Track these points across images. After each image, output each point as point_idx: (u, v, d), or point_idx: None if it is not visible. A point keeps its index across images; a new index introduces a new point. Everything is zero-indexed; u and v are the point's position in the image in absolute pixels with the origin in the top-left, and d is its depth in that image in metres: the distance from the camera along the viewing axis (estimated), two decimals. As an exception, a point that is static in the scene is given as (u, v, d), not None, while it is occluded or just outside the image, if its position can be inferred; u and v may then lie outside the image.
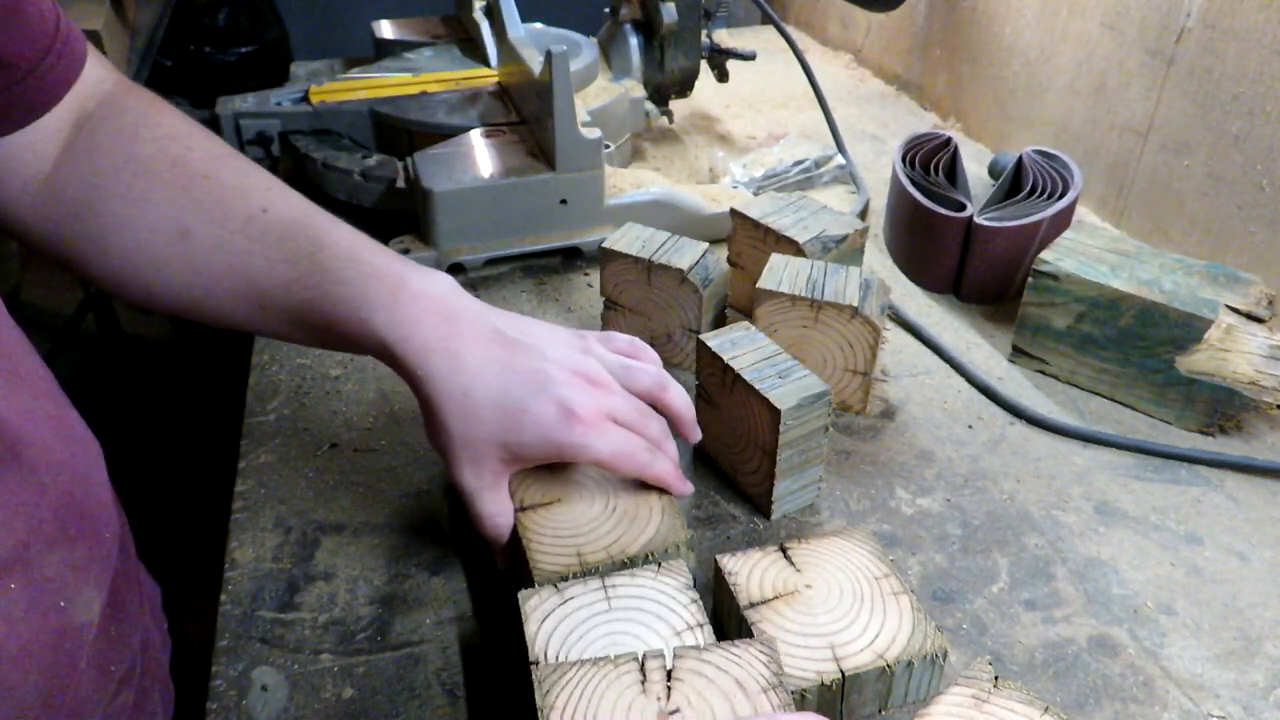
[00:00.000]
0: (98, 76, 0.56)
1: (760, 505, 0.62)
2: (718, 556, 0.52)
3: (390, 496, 0.64)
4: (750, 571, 0.51)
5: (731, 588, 0.50)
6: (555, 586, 0.49)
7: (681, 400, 0.58)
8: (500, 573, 0.57)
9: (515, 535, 0.54)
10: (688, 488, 0.56)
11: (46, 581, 0.42)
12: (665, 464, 0.55)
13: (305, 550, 0.60)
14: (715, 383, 0.62)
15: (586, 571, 0.50)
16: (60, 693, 0.43)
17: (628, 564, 0.51)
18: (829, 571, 0.51)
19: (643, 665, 0.42)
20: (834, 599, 0.49)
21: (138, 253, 0.53)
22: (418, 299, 0.52)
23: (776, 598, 0.49)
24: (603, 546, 0.52)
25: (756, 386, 0.58)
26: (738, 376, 0.59)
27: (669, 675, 0.42)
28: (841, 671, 0.46)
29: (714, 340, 0.62)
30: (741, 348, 0.62)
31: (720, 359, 0.61)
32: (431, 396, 0.51)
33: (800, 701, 0.45)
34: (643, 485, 0.55)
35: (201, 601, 0.64)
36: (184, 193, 0.53)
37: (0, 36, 0.48)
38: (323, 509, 0.63)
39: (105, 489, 0.48)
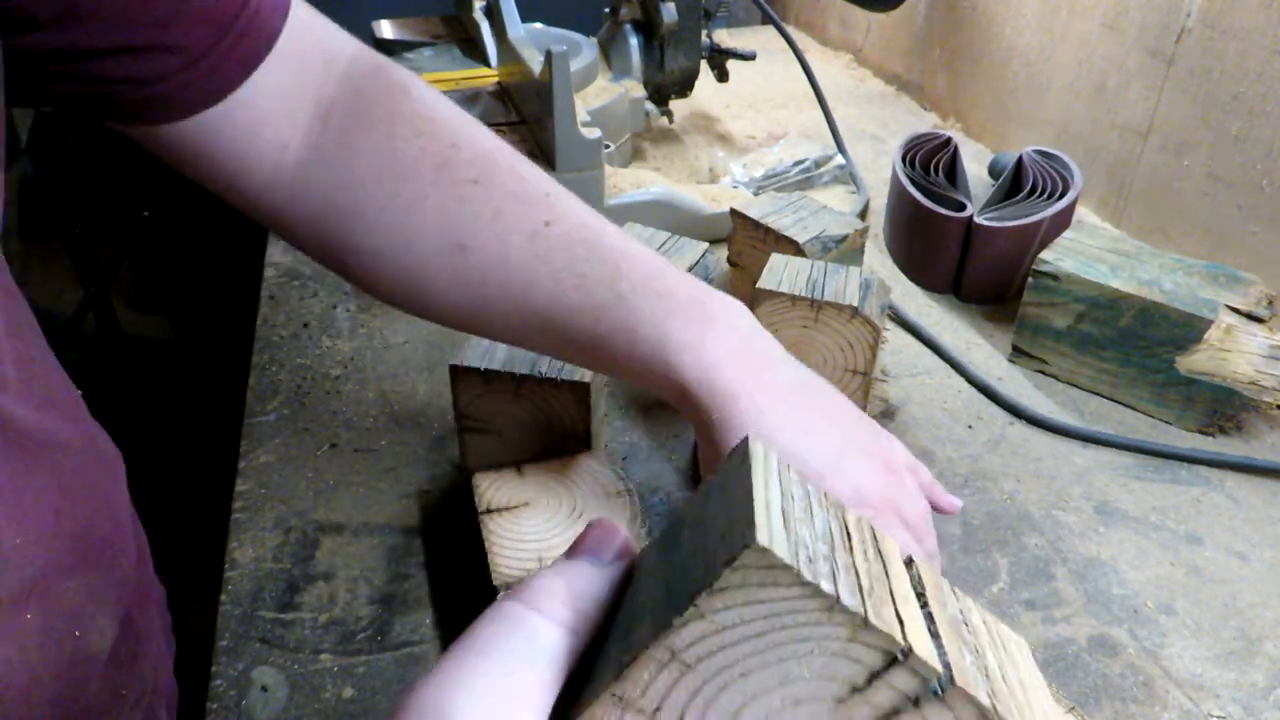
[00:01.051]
0: (327, 51, 0.50)
1: None
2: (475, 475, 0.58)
3: (390, 496, 0.64)
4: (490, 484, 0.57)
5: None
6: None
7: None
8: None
9: None
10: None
11: (63, 611, 0.41)
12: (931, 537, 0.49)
13: (305, 550, 0.60)
14: None
15: None
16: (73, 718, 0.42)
17: None
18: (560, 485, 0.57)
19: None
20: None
21: (409, 265, 0.49)
22: (723, 339, 0.47)
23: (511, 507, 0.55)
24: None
25: None
26: None
27: None
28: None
29: None
30: None
31: None
32: (721, 441, 0.46)
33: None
34: (608, 489, 0.54)
35: (202, 602, 0.64)
36: (456, 202, 0.48)
37: (170, 28, 0.43)
38: (323, 509, 0.63)
39: (126, 509, 0.47)
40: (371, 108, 0.49)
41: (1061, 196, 0.81)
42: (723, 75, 1.09)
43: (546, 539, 0.52)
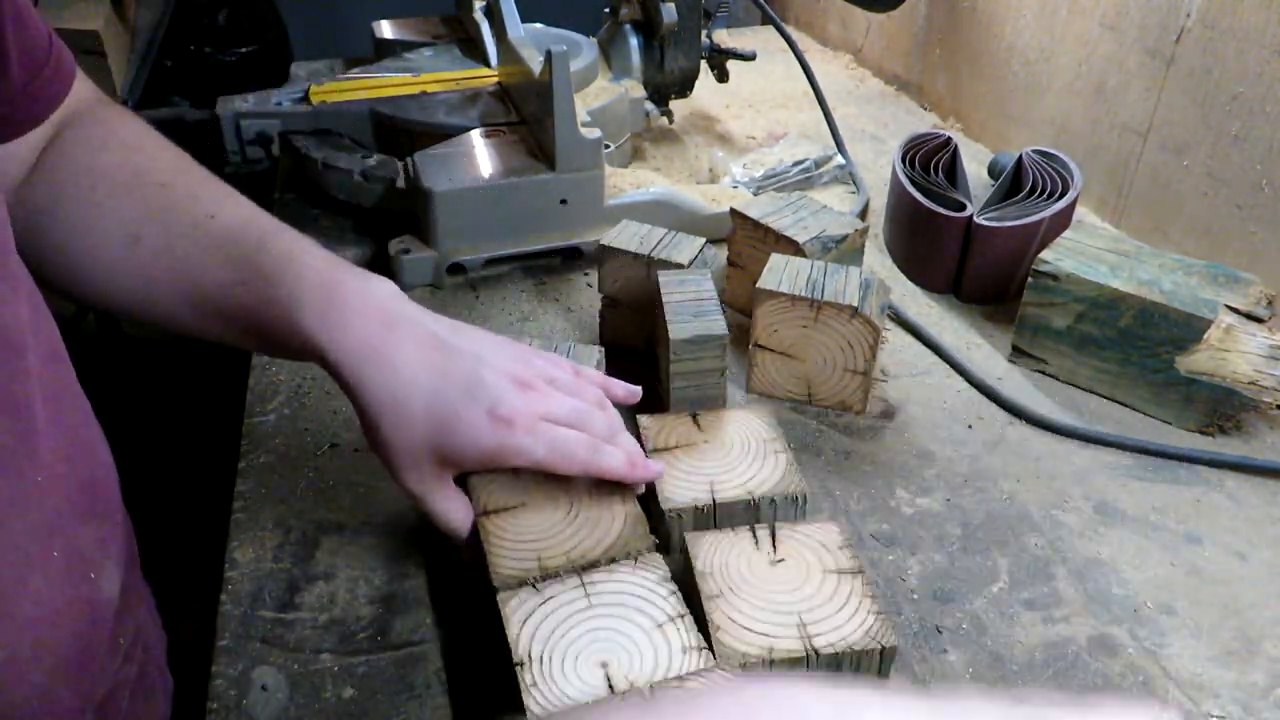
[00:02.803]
0: (78, 93, 0.57)
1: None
2: (639, 416, 0.63)
3: (390, 496, 0.64)
4: (661, 428, 0.62)
5: (642, 436, 0.61)
6: (534, 586, 0.49)
7: (617, 465, 0.55)
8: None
9: (477, 532, 0.54)
10: (649, 472, 0.55)
11: (80, 553, 0.44)
12: (612, 458, 0.54)
13: (305, 550, 0.60)
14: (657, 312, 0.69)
15: (547, 576, 0.50)
16: (87, 659, 0.45)
17: (588, 570, 0.51)
18: (725, 432, 0.62)
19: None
20: (722, 451, 0.60)
21: (91, 257, 0.54)
22: (351, 302, 0.51)
23: (677, 447, 0.61)
24: (563, 552, 0.51)
25: (668, 319, 0.65)
26: (662, 306, 0.67)
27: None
28: (713, 499, 0.56)
29: (665, 276, 0.69)
30: (687, 287, 0.68)
31: (659, 291, 0.68)
32: (364, 403, 0.51)
33: (677, 520, 0.56)
34: (606, 488, 0.55)
35: (200, 603, 0.64)
36: (140, 201, 0.54)
37: (13, 47, 0.49)
38: (323, 509, 0.63)
39: (114, 474, 0.50)
40: (91, 128, 0.56)
41: (1061, 196, 0.81)
42: (723, 75, 1.09)
43: (545, 539, 0.52)
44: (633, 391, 0.60)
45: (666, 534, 0.57)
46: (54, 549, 0.42)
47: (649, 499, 0.57)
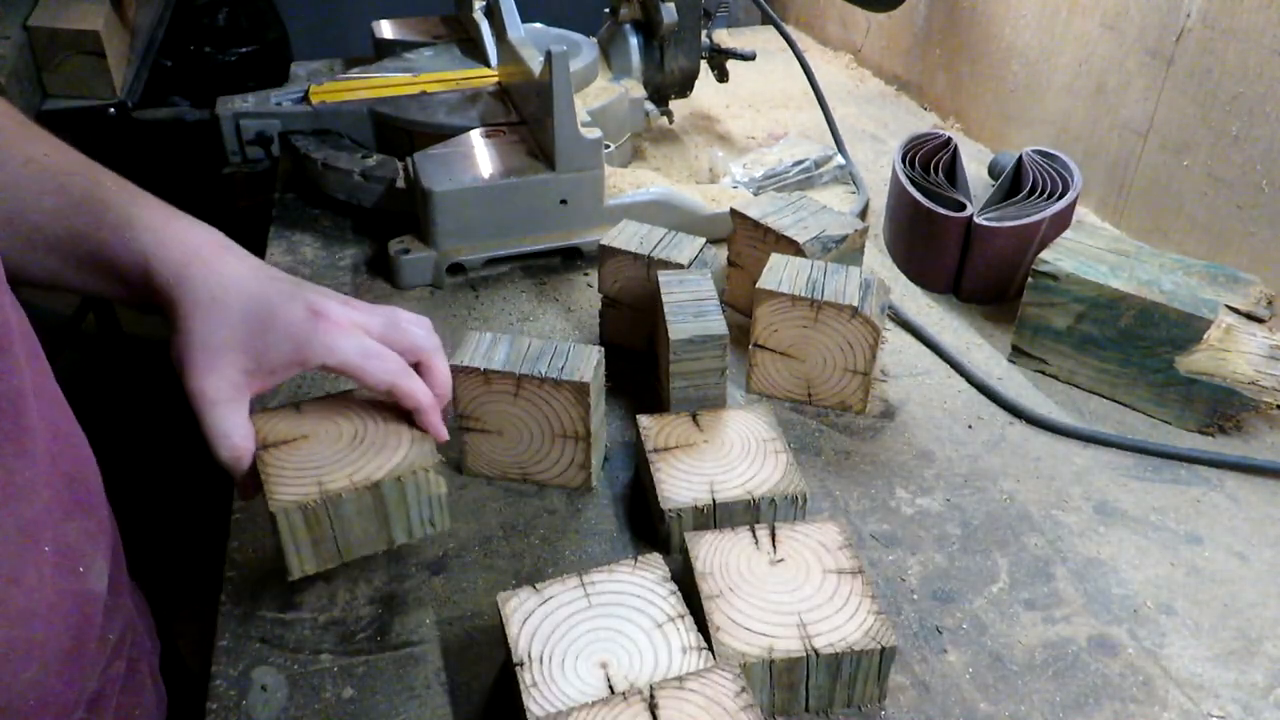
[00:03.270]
0: None
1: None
2: (639, 416, 0.64)
3: (390, 496, 0.64)
4: (661, 428, 0.62)
5: (642, 436, 0.62)
6: (534, 587, 0.49)
7: (443, 374, 0.56)
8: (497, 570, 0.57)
9: (256, 471, 0.52)
10: (440, 431, 0.55)
11: (69, 547, 0.44)
12: (419, 384, 0.54)
13: (305, 550, 0.60)
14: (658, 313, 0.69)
15: (326, 501, 0.49)
16: (79, 652, 0.45)
17: (372, 490, 0.50)
18: (725, 432, 0.62)
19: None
20: (722, 451, 0.61)
21: None
22: (187, 228, 0.52)
23: (677, 447, 0.61)
24: (345, 474, 0.51)
25: (668, 319, 0.65)
26: (662, 306, 0.67)
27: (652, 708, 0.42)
28: (713, 500, 0.57)
29: (665, 276, 0.69)
30: (688, 287, 0.68)
31: (660, 291, 0.68)
32: (179, 300, 0.50)
33: (677, 520, 0.57)
34: (393, 417, 0.54)
35: (198, 604, 0.64)
36: None
37: None
38: (323, 509, 0.63)
39: (96, 468, 0.50)
40: None
41: (1061, 196, 0.81)
42: (723, 75, 1.09)
43: (326, 465, 0.52)
44: (444, 391, 0.57)
45: (666, 534, 0.57)
46: (44, 543, 0.42)
47: (649, 498, 0.57)
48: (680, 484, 0.58)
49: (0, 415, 0.40)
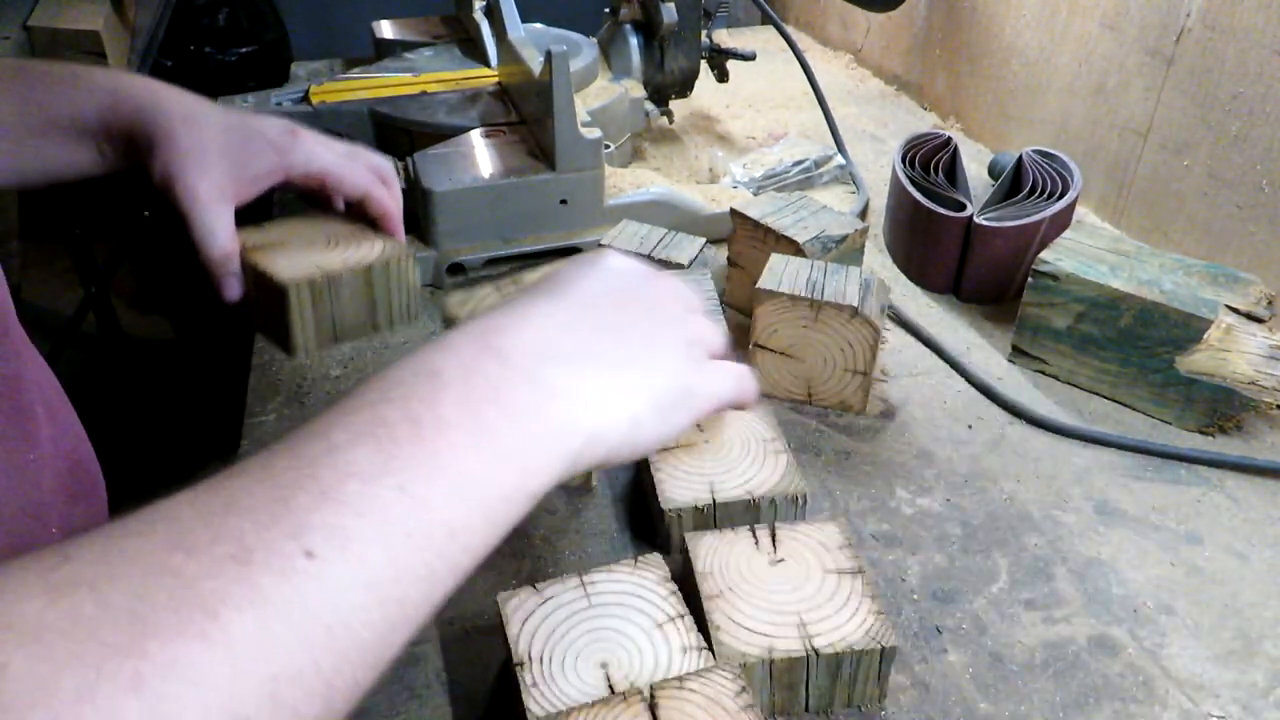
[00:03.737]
0: None
1: None
2: None
3: (390, 496, 0.64)
4: None
5: None
6: (534, 587, 0.49)
7: (398, 195, 0.60)
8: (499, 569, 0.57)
9: (250, 282, 0.56)
10: (400, 231, 0.59)
11: (73, 530, 0.45)
12: (388, 193, 0.58)
13: (305, 550, 0.60)
14: None
15: (329, 279, 0.54)
16: None
17: (364, 273, 0.55)
18: (725, 432, 0.62)
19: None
20: (722, 451, 0.60)
21: None
22: (170, 90, 0.55)
23: (677, 446, 0.60)
24: (339, 259, 0.55)
25: None
26: None
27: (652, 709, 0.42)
28: (714, 499, 0.57)
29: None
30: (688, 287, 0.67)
31: None
32: (157, 122, 0.52)
33: (677, 520, 0.56)
34: (357, 224, 0.59)
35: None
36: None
37: None
38: (323, 509, 0.63)
39: (92, 451, 0.51)
40: None
41: (1061, 196, 0.81)
42: (723, 75, 1.09)
43: (318, 254, 0.56)
44: (395, 216, 0.61)
45: (666, 534, 0.57)
46: (51, 526, 0.43)
47: (649, 498, 0.57)
48: (680, 484, 0.58)
49: (7, 400, 0.40)
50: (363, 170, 0.58)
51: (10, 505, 0.40)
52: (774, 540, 0.53)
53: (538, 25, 1.08)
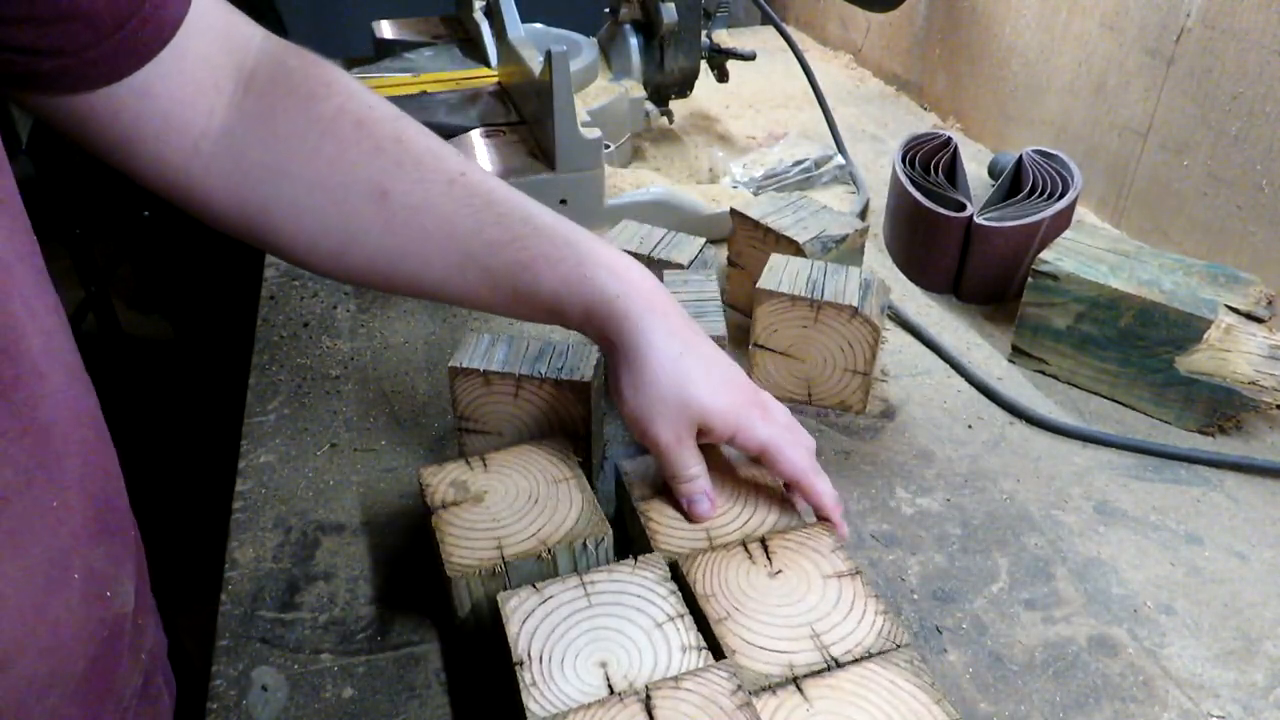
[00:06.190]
0: (243, 32, 0.54)
1: None
2: (620, 461, 0.59)
3: (390, 497, 0.64)
4: (644, 474, 0.58)
5: (626, 484, 0.57)
6: (534, 586, 0.49)
7: (828, 492, 0.55)
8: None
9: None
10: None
11: (97, 573, 0.44)
12: (825, 482, 0.54)
13: (305, 550, 0.60)
14: None
15: (506, 564, 0.51)
16: (105, 679, 0.45)
17: (547, 554, 0.52)
18: (711, 472, 0.56)
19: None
20: (714, 493, 0.56)
21: (333, 216, 0.52)
22: (631, 267, 0.53)
23: (668, 490, 0.56)
24: (520, 540, 0.52)
25: None
26: None
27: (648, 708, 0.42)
28: (712, 548, 0.52)
29: (670, 275, 0.69)
30: (689, 287, 0.68)
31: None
32: (643, 352, 0.52)
33: (673, 569, 0.52)
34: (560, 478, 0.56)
35: (201, 603, 0.64)
36: (377, 154, 0.52)
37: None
38: (323, 509, 0.63)
39: (124, 489, 0.50)
40: (290, 75, 0.53)
41: (1061, 196, 0.81)
42: (723, 75, 1.09)
43: (503, 526, 0.53)
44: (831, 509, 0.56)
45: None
46: (74, 571, 0.41)
47: (645, 546, 0.54)
48: (675, 532, 0.54)
49: (33, 444, 0.39)
50: (803, 453, 0.54)
51: (31, 553, 0.39)
52: (767, 552, 0.52)
53: (538, 25, 1.08)
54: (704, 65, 1.06)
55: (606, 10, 1.05)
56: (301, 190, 0.52)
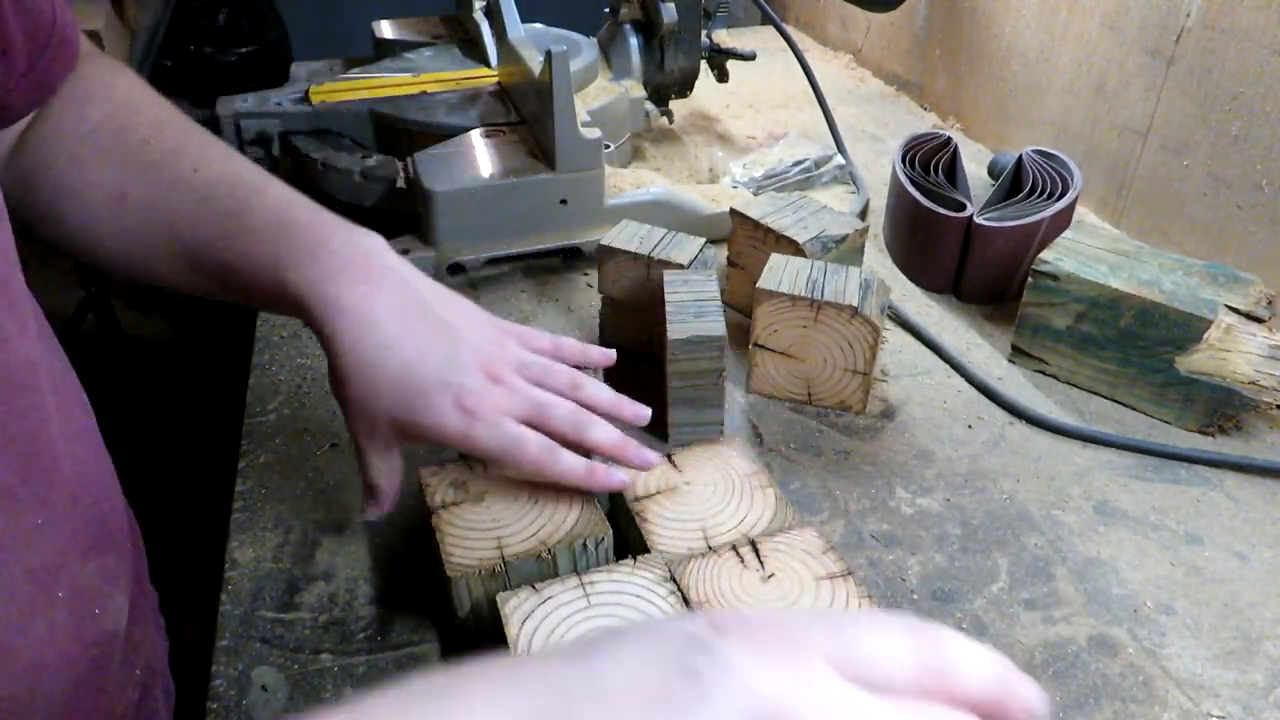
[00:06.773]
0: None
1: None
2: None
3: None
4: (639, 474, 0.57)
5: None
6: (533, 587, 0.49)
7: (604, 396, 0.56)
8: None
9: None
10: (610, 480, 0.54)
11: (83, 590, 0.43)
12: (568, 464, 0.53)
13: (305, 550, 0.60)
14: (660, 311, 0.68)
15: (506, 564, 0.51)
16: (92, 699, 0.44)
17: (547, 555, 0.51)
18: (705, 471, 0.58)
19: None
20: (707, 492, 0.57)
21: (82, 216, 0.54)
22: (336, 255, 0.51)
23: (659, 492, 0.56)
24: (520, 540, 0.52)
25: (669, 318, 0.64)
26: (663, 304, 0.66)
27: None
28: (709, 545, 0.53)
29: (670, 275, 0.69)
30: (689, 287, 0.68)
31: (661, 292, 0.67)
32: (337, 357, 0.51)
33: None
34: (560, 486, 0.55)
35: (200, 603, 0.64)
36: (124, 157, 0.54)
37: (15, 30, 0.47)
38: (323, 509, 0.63)
39: (121, 496, 0.49)
40: (77, 84, 0.55)
41: (1061, 196, 0.81)
42: (723, 75, 1.09)
43: (502, 526, 0.53)
44: (614, 410, 0.57)
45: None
46: (59, 588, 0.41)
47: (641, 546, 0.54)
48: (671, 532, 0.54)
49: (16, 459, 0.39)
50: (532, 447, 0.52)
51: (13, 571, 0.39)
52: (759, 555, 0.51)
53: (538, 25, 1.08)
54: (704, 65, 1.06)
55: (606, 10, 1.05)
56: (57, 192, 0.54)
